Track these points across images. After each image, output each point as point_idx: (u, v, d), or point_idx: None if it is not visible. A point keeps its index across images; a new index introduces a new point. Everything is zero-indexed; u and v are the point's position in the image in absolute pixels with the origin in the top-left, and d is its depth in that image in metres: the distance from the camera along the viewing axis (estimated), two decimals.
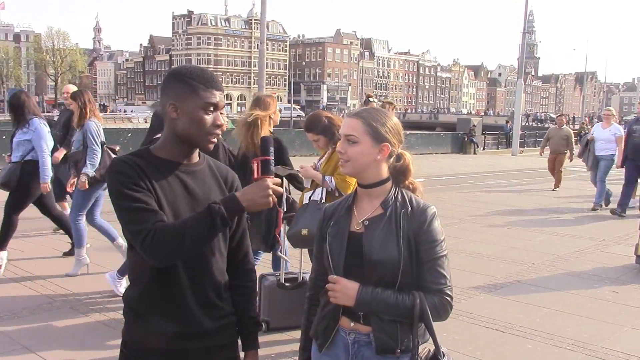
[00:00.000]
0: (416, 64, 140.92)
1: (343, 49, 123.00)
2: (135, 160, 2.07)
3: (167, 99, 2.10)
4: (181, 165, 2.14)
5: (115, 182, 2.02)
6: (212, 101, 2.08)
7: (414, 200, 2.21)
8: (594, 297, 6.33)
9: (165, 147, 2.14)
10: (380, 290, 2.11)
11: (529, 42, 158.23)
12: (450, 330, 5.12)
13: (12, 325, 5.13)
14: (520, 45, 34.59)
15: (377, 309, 2.12)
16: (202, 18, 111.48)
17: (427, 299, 2.12)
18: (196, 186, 2.14)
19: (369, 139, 2.17)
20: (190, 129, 2.09)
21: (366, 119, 2.19)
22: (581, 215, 11.36)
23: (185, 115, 2.08)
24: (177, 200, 2.09)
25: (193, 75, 2.10)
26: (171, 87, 2.11)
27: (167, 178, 2.09)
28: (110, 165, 2.10)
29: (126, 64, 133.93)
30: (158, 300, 2.10)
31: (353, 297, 2.12)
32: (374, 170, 2.20)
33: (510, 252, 8.24)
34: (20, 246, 7.83)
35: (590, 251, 8.39)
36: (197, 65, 2.20)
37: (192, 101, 2.07)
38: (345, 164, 2.21)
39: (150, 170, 2.06)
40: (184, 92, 2.08)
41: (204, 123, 2.08)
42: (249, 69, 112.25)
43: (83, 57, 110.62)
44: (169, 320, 2.11)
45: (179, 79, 2.11)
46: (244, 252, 2.34)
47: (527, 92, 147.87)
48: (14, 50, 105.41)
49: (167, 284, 2.09)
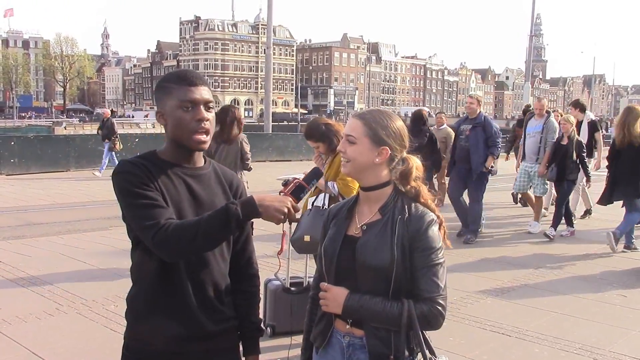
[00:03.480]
0: (423, 68, 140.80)
1: (350, 53, 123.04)
2: (141, 162, 2.09)
3: (157, 108, 2.14)
4: (186, 169, 2.14)
5: (124, 182, 2.03)
6: (187, 98, 2.07)
7: (413, 207, 2.17)
8: (601, 300, 6.29)
9: (168, 152, 2.15)
10: (368, 297, 2.09)
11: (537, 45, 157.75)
12: (457, 334, 5.10)
13: (19, 330, 5.15)
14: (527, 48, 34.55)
15: (364, 316, 2.10)
16: (209, 23, 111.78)
17: (416, 307, 2.07)
18: (201, 190, 2.15)
19: (367, 140, 2.16)
20: (175, 131, 2.09)
21: (368, 121, 2.18)
22: (588, 219, 11.28)
23: (169, 119, 2.09)
24: (181, 202, 2.10)
25: (169, 79, 2.11)
26: (156, 97, 2.15)
27: (172, 180, 2.10)
28: (117, 166, 2.10)
29: (134, 69, 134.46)
30: (160, 301, 2.11)
31: (341, 305, 2.11)
32: (373, 172, 2.18)
33: (517, 255, 8.20)
34: (27, 251, 7.86)
35: (597, 255, 8.33)
36: (178, 69, 2.20)
37: (169, 103, 2.08)
38: (346, 164, 2.21)
39: (156, 171, 2.07)
40: (163, 96, 2.10)
41: (184, 121, 2.07)
42: (256, 73, 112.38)
43: (91, 63, 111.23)
44: (170, 321, 2.11)
45: (159, 86, 2.14)
46: (247, 256, 2.34)
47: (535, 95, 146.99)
48: (23, 56, 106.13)
49: (169, 286, 2.09)
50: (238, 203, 1.97)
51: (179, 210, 2.07)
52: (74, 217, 10.38)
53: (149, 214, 1.98)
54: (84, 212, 11.27)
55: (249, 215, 1.97)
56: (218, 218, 1.95)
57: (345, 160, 2.20)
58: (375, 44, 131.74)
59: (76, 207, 10.49)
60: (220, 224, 1.95)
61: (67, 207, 11.56)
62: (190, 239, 1.94)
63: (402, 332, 2.07)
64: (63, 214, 10.90)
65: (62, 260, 7.47)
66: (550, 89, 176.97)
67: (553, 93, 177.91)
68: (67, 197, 12.90)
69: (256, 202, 1.96)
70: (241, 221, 1.96)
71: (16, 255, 7.58)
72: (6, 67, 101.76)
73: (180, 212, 2.07)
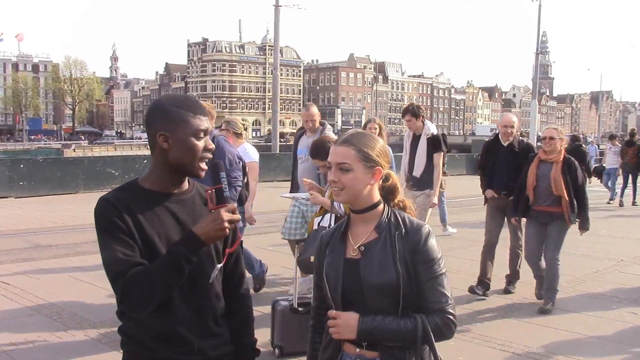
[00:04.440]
0: (430, 87, 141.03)
1: (357, 72, 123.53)
2: (120, 196, 2.09)
3: (156, 130, 2.10)
4: (170, 196, 2.15)
5: (98, 224, 2.07)
6: (202, 127, 2.11)
7: (407, 220, 2.19)
8: (612, 318, 6.24)
9: (154, 179, 2.15)
10: (380, 317, 2.09)
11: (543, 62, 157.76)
12: (466, 353, 5.06)
13: (27, 353, 5.14)
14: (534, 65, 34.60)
15: (379, 336, 2.10)
16: (216, 45, 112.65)
17: (429, 320, 2.09)
18: (186, 215, 2.15)
19: (361, 165, 2.16)
20: (183, 157, 2.10)
21: (357, 145, 2.18)
22: (599, 235, 11.22)
23: (178, 143, 2.09)
24: (169, 231, 2.10)
25: (179, 104, 2.12)
26: (159, 118, 2.12)
27: (154, 210, 2.10)
28: (97, 203, 2.10)
29: (142, 91, 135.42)
30: (158, 332, 2.11)
31: (354, 329, 2.10)
32: (367, 194, 2.19)
33: (525, 273, 8.13)
34: (36, 274, 7.88)
35: (608, 272, 8.28)
36: (178, 93, 2.22)
37: (183, 129, 2.09)
38: (340, 192, 2.19)
39: (136, 204, 2.08)
40: (173, 121, 2.09)
41: (197, 149, 2.10)
42: (263, 94, 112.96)
43: (100, 85, 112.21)
44: (169, 346, 2.11)
45: (165, 109, 2.12)
46: (239, 275, 2.35)
47: (542, 113, 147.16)
48: (33, 80, 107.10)
49: (164, 312, 2.09)
50: (179, 242, 2.00)
51: (167, 239, 2.08)
52: (83, 239, 10.38)
53: (115, 273, 2.00)
54: (92, 234, 11.11)
55: (195, 249, 2.00)
56: (167, 265, 1.98)
57: (338, 188, 2.19)
58: (381, 64, 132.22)
59: (85, 229, 10.50)
60: (171, 269, 1.98)
61: (76, 229, 11.57)
62: (149, 294, 1.98)
63: (418, 347, 2.09)
64: (72, 236, 10.92)
65: (70, 283, 7.48)
66: (558, 106, 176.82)
67: (560, 110, 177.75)
68: (76, 219, 12.93)
69: (195, 233, 2.00)
70: (190, 258, 1.99)
71: (25, 278, 7.60)
72: (16, 90, 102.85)
73: (169, 241, 2.08)
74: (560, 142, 6.48)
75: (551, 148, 6.42)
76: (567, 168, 6.36)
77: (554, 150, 6.42)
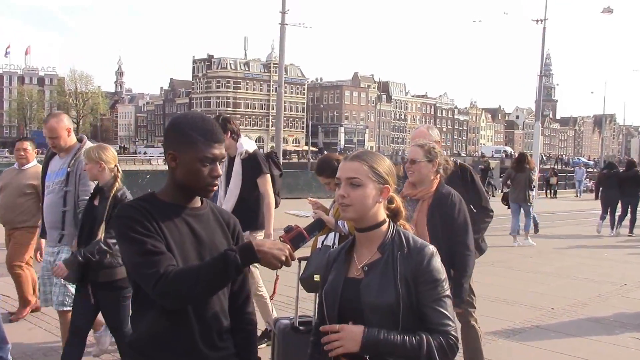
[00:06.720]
0: (433, 107, 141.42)
1: (360, 91, 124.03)
2: (142, 204, 2.10)
3: (167, 147, 2.13)
4: (186, 209, 2.16)
5: (123, 227, 2.05)
6: (210, 155, 2.10)
7: (412, 240, 2.18)
8: (615, 343, 6.18)
9: (169, 192, 2.16)
10: (385, 331, 2.07)
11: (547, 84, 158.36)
12: None
13: None
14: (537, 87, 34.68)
15: (384, 350, 2.07)
16: (222, 62, 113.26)
17: (433, 338, 2.08)
18: (202, 229, 2.16)
19: (372, 182, 2.16)
20: (188, 180, 2.12)
21: (368, 162, 2.18)
22: (601, 259, 11.18)
23: (184, 165, 2.10)
24: (184, 242, 2.11)
25: (194, 127, 2.11)
26: (172, 136, 2.14)
27: (174, 221, 2.11)
28: (117, 210, 2.12)
29: (147, 106, 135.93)
30: (167, 344, 2.10)
31: (359, 341, 2.07)
32: (374, 213, 2.19)
33: (529, 296, 8.10)
34: None
35: (611, 296, 8.23)
36: (200, 115, 2.19)
37: (190, 153, 2.09)
38: (347, 208, 2.17)
39: (157, 213, 2.08)
40: (183, 143, 2.10)
41: (201, 175, 2.11)
42: (267, 111, 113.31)
43: (105, 100, 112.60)
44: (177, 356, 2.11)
45: (179, 128, 2.12)
46: (245, 294, 2.35)
47: (545, 135, 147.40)
48: (38, 93, 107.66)
49: (175, 326, 2.09)
50: (237, 249, 1.98)
51: (182, 250, 2.08)
52: None
53: (149, 262, 1.98)
54: None
55: (248, 261, 1.98)
56: (217, 266, 1.96)
57: (345, 204, 2.17)
58: (385, 83, 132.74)
59: None
60: (219, 272, 1.96)
61: None
62: (191, 288, 1.96)
63: None
64: None
65: None
66: (561, 128, 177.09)
67: (563, 133, 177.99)
68: None
69: (255, 248, 1.97)
70: (240, 267, 1.97)
71: None
72: (21, 103, 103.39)
73: (184, 252, 2.08)
74: (431, 164, 3.93)
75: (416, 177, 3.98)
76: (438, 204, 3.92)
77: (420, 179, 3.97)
